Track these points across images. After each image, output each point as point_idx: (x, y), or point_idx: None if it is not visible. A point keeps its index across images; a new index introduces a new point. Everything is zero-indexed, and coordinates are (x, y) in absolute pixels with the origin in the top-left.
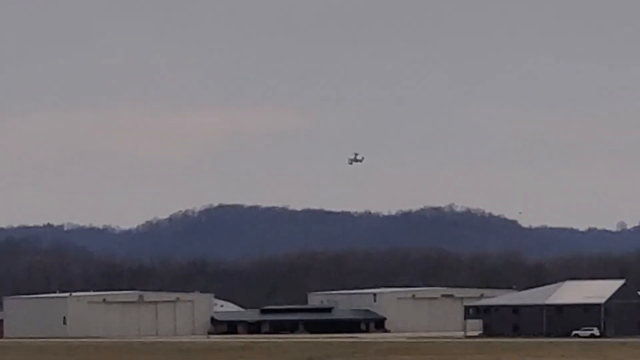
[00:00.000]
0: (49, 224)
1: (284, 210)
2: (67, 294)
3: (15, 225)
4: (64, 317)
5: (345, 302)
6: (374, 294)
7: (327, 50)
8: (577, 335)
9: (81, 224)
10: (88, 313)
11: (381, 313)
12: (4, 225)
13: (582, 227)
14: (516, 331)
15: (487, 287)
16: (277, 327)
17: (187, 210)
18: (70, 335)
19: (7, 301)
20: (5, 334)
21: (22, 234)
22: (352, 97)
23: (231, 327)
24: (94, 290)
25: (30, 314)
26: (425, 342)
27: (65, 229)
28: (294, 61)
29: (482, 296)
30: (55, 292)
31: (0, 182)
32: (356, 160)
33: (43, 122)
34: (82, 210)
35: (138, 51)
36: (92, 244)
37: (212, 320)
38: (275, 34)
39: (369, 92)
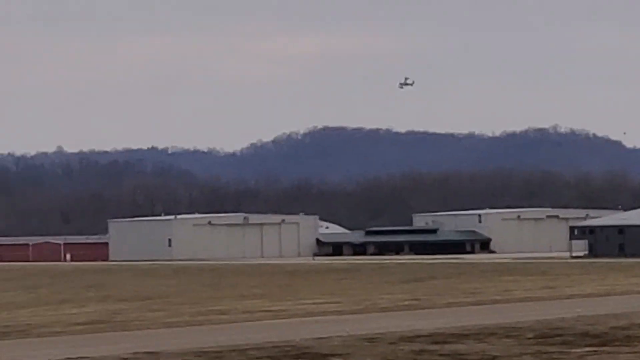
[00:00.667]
0: (153, 147)
1: (387, 132)
2: (172, 217)
3: (120, 148)
4: (169, 240)
5: (450, 223)
6: (479, 215)
7: None
8: None
9: (185, 147)
10: (193, 235)
11: (486, 234)
12: (108, 148)
13: None
14: (622, 251)
15: (592, 208)
16: (382, 249)
17: (291, 133)
18: (175, 257)
19: (112, 224)
20: (111, 257)
21: (126, 157)
22: (454, 19)
23: (336, 248)
24: (198, 213)
25: (135, 237)
26: (530, 263)
27: (170, 152)
28: None
29: (587, 216)
30: (160, 215)
31: (106, 106)
32: (406, 84)
33: (149, 46)
34: (186, 133)
35: None
36: (197, 166)
37: (317, 241)
38: None
39: (470, 13)
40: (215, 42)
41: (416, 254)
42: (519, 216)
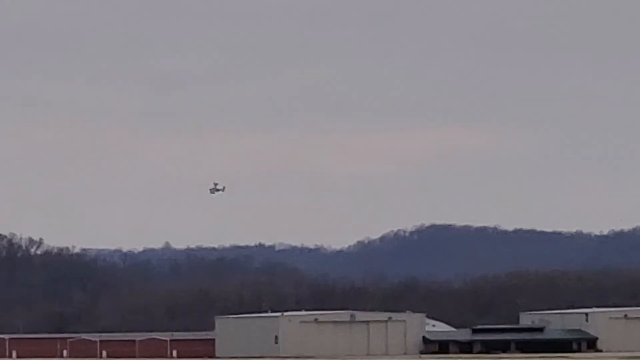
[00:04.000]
0: (260, 243)
1: (495, 229)
2: (279, 314)
3: (227, 244)
4: (276, 337)
5: (557, 321)
6: (586, 314)
7: (527, 67)
8: None
9: (293, 243)
10: (300, 332)
11: (593, 333)
12: (215, 245)
13: None
14: None
15: None
16: (489, 347)
17: (398, 230)
18: (282, 354)
19: (219, 321)
20: (217, 353)
21: (233, 253)
22: (553, 117)
23: (443, 346)
24: (305, 310)
25: (241, 334)
26: None
27: (277, 248)
28: (500, 79)
29: None
30: (267, 312)
31: (213, 202)
32: (216, 190)
33: (255, 142)
34: (293, 230)
35: (342, 71)
36: (304, 263)
37: (424, 339)
38: (479, 48)
39: (568, 110)
40: (322, 139)
41: (523, 352)
42: (626, 315)
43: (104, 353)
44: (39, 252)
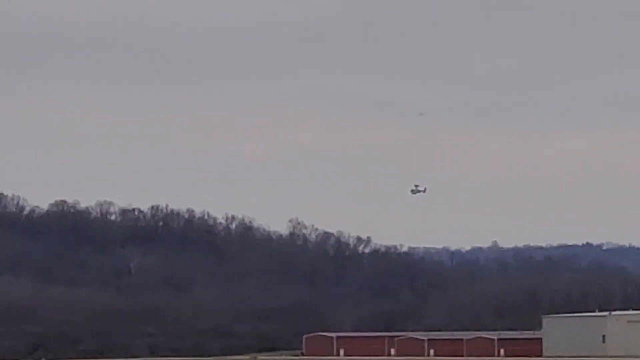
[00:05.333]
0: (587, 242)
1: None
2: (606, 313)
3: (555, 243)
4: (603, 336)
5: None
6: None
7: None
8: None
9: (620, 242)
10: (627, 332)
11: None
12: (543, 244)
13: None
14: None
15: None
16: None
17: None
18: (610, 354)
19: (546, 320)
20: (545, 352)
21: (560, 252)
22: None
23: None
24: (633, 309)
25: (568, 333)
26: None
27: (604, 247)
28: None
29: None
30: (594, 311)
31: (540, 201)
32: (418, 191)
33: (582, 139)
34: (620, 229)
35: None
36: (631, 262)
37: None
38: None
39: None
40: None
41: None
42: None
43: (432, 352)
44: (366, 250)
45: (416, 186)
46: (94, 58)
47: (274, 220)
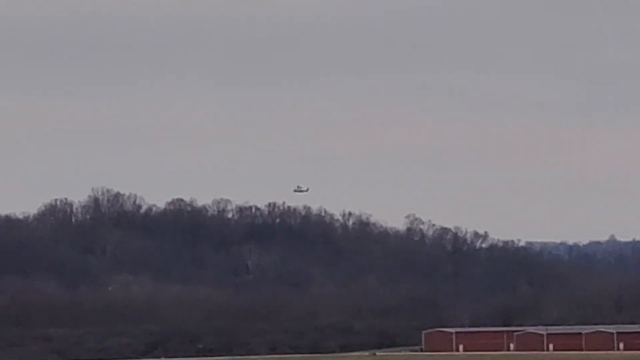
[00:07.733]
0: None
1: None
2: None
3: None
4: None
5: None
6: None
7: None
8: None
9: None
10: None
11: None
12: None
13: None
14: None
15: None
16: None
17: None
18: None
19: None
20: None
21: None
22: None
23: None
24: None
25: None
26: None
27: None
28: None
29: None
30: None
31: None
32: (301, 191)
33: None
34: None
35: None
36: None
37: None
38: None
39: None
40: None
41: None
42: None
43: (551, 346)
44: (484, 245)
45: (299, 187)
46: (210, 58)
47: (390, 216)
